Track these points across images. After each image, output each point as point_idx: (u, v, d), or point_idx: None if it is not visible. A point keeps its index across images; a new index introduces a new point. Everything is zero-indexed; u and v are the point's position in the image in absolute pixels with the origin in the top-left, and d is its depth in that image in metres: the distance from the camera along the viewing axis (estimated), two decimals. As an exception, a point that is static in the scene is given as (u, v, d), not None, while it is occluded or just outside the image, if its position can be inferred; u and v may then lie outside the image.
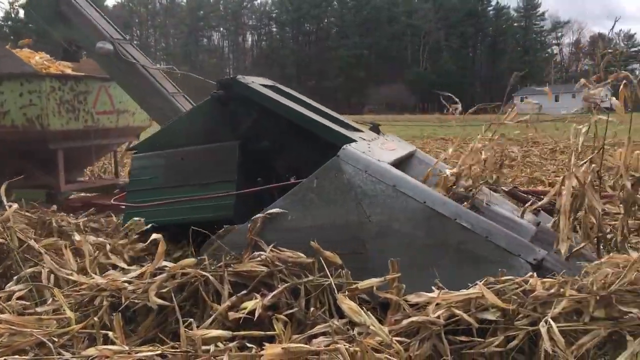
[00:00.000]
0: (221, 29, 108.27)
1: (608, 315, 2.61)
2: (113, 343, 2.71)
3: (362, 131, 4.56)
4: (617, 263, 2.76)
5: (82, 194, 7.75)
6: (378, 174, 3.52)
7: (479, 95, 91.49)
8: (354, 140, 3.88)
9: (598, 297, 2.64)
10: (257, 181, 4.26)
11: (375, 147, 4.03)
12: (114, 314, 2.89)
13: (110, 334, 2.81)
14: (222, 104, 4.28)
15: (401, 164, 4.23)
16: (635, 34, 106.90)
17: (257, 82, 4.42)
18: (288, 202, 3.66)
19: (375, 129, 4.89)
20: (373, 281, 3.03)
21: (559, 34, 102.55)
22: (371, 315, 2.70)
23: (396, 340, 2.62)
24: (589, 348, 2.54)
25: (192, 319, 2.80)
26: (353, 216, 3.51)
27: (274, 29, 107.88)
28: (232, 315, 2.98)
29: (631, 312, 2.57)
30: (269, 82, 4.76)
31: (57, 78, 6.67)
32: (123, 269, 3.78)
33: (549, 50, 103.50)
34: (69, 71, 7.17)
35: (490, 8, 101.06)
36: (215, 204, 4.09)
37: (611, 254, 2.82)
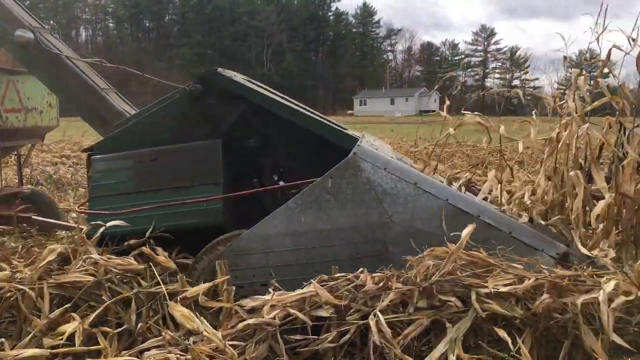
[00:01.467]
0: (51, 21, 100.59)
1: (430, 305, 2.81)
2: None
3: (347, 130, 4.33)
4: (437, 255, 2.96)
5: None
6: (398, 171, 3.41)
7: (321, 96, 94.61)
8: (357, 139, 3.67)
9: (421, 289, 2.82)
10: (244, 183, 4.00)
11: (376, 145, 3.88)
12: None
13: None
14: (198, 99, 3.89)
15: None
16: (459, 43, 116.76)
17: (238, 76, 4.09)
18: (300, 204, 3.42)
19: None
20: (202, 287, 2.96)
21: (393, 41, 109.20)
22: (204, 320, 2.63)
23: (233, 344, 2.59)
24: (414, 337, 2.71)
25: (3, 339, 2.54)
26: (374, 216, 3.36)
27: (111, 24, 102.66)
28: (47, 342, 2.70)
29: (449, 301, 2.78)
30: (244, 77, 4.40)
31: None
32: None
33: (385, 56, 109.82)
34: None
35: (330, 13, 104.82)
36: (200, 209, 3.67)
37: (432, 248, 3.01)
